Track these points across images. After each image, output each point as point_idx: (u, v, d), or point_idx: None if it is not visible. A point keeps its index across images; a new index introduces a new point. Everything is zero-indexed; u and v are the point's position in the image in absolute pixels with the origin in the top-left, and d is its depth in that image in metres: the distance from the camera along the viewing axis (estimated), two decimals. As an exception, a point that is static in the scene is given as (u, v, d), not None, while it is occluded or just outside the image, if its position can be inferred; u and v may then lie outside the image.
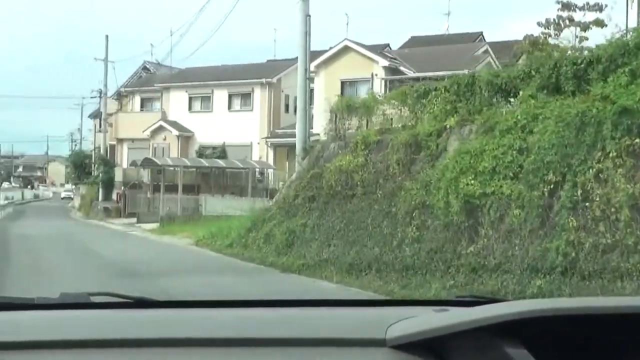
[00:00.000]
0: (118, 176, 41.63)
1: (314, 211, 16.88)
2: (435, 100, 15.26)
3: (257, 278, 14.78)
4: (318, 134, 36.14)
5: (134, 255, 19.53)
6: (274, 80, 39.49)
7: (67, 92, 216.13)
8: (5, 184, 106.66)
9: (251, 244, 18.62)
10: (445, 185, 12.11)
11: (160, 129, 41.28)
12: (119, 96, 47.70)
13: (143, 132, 41.29)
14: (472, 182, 11.58)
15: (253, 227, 19.39)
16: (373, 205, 14.67)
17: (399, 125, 16.46)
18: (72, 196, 70.09)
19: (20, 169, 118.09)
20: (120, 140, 44.39)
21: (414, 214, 13.17)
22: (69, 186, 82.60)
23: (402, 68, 36.10)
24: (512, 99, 13.68)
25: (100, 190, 42.90)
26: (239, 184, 37.55)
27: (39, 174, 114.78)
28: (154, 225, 31.01)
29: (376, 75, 35.59)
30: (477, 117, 13.23)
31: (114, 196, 42.09)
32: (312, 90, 39.21)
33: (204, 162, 35.49)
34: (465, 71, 19.21)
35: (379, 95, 20.20)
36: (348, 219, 15.34)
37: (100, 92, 68.71)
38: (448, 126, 13.94)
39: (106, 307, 2.01)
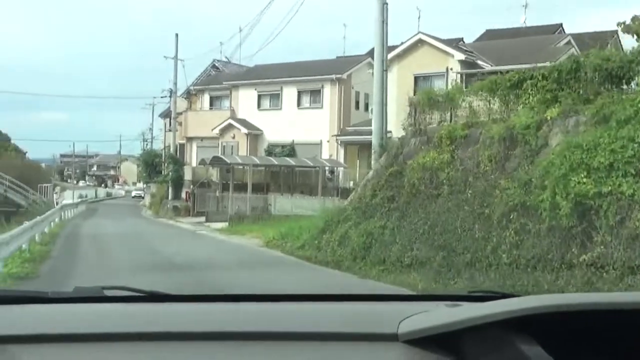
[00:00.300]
0: (187, 175, 41.23)
1: (393, 212, 15.51)
2: (531, 90, 13.66)
3: (333, 285, 13.52)
4: (390, 132, 34.79)
5: (202, 256, 18.61)
6: (344, 76, 38.25)
7: (140, 92, 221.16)
8: (81, 183, 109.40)
9: (324, 247, 17.39)
10: (552, 184, 10.54)
11: (229, 127, 40.62)
12: (189, 95, 47.42)
13: (212, 130, 40.73)
14: (585, 180, 9.99)
15: (326, 228, 18.16)
16: (462, 206, 13.19)
17: (488, 119, 14.90)
18: (142, 195, 71.00)
19: (95, 168, 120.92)
20: (190, 139, 44.01)
21: (511, 216, 11.64)
22: (139, 185, 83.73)
23: (478, 62, 34.21)
24: (624, 86, 11.97)
25: (170, 188, 42.59)
26: (308, 183, 36.50)
27: (112, 172, 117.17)
28: (223, 225, 30.25)
29: (451, 69, 33.86)
30: (585, 106, 11.58)
31: (183, 195, 41.74)
32: (383, 87, 38.03)
33: (274, 161, 34.55)
34: (547, 63, 17.44)
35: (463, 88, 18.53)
36: (433, 220, 13.90)
37: (170, 92, 69.54)
38: (549, 118, 12.33)
39: (120, 301, 2.00)
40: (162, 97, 70.66)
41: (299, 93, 39.50)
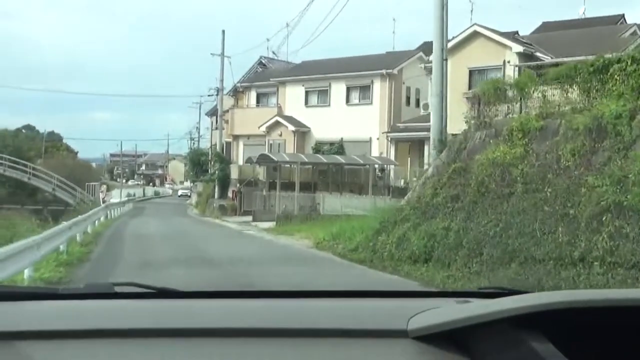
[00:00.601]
0: (234, 173, 40.25)
1: (458, 212, 13.99)
2: (618, 76, 11.98)
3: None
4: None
5: (249, 258, 17.37)
6: (395, 71, 36.70)
7: (188, 91, 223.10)
8: (130, 182, 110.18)
9: (380, 249, 15.96)
10: (656, 180, 8.92)
11: (276, 124, 39.48)
12: (235, 92, 46.45)
13: (259, 128, 39.67)
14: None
15: (382, 229, 16.72)
16: (541, 206, 11.60)
17: (566, 109, 13.25)
18: (188, 194, 70.67)
19: (143, 167, 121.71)
20: (236, 137, 43.04)
21: (604, 218, 10.03)
22: (187, 184, 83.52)
23: (538, 54, 32.25)
24: None
25: (216, 187, 41.69)
26: (357, 182, 35.09)
27: (160, 172, 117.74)
28: (270, 224, 29.08)
29: (508, 62, 32.00)
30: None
31: (230, 194, 40.79)
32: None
33: (322, 158, 33.20)
34: (612, 55, 15.63)
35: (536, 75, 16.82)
36: (505, 222, 12.35)
37: (217, 90, 68.99)
38: (645, 105, 10.66)
39: (130, 297, 1.98)
40: (209, 95, 70.75)
41: (348, 89, 38.11)
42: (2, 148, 67.89)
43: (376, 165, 33.96)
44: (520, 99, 14.87)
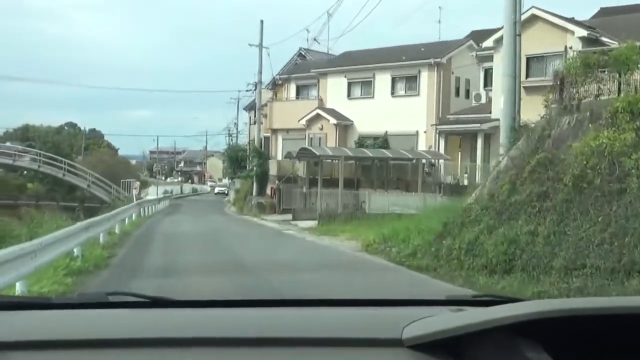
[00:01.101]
0: (272, 169, 37.98)
1: (547, 213, 11.34)
2: None
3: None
4: (497, 119, 30.26)
5: (291, 263, 14.97)
6: (444, 60, 33.93)
7: (227, 87, 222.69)
8: (169, 179, 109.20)
9: (446, 255, 13.38)
10: None
11: (317, 117, 37.03)
12: (274, 86, 44.15)
13: (298, 121, 37.28)
14: None
15: (446, 231, 14.13)
16: (669, 207, 8.89)
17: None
18: (225, 191, 68.88)
19: (182, 164, 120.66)
20: (275, 131, 40.73)
21: None
22: (225, 181, 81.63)
23: (603, 38, 29.14)
24: None
25: (254, 184, 39.44)
26: (404, 178, 32.45)
27: (198, 168, 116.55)
28: (311, 224, 26.67)
29: (570, 48, 28.93)
30: None
31: (268, 191, 38.55)
32: (488, 71, 33.40)
33: (368, 152, 30.60)
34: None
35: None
36: (617, 226, 9.68)
37: (255, 85, 66.97)
38: None
39: (123, 307, 1.95)
40: (247, 90, 68.77)
41: (393, 80, 35.46)
42: (41, 144, 67.20)
43: (427, 160, 31.25)
44: (620, 75, 12.11)
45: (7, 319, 1.72)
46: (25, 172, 55.17)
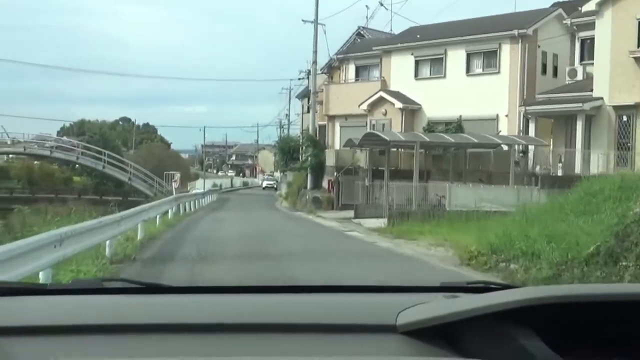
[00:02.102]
0: (329, 160, 33.10)
1: None
2: None
3: None
4: (601, 98, 24.65)
5: (366, 279, 10.03)
6: (529, 31, 28.40)
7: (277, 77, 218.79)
8: (220, 172, 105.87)
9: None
10: None
11: (380, 101, 31.94)
12: (329, 69, 39.15)
13: (359, 106, 32.27)
14: None
15: (617, 241, 8.95)
16: None
17: None
18: (274, 185, 64.55)
19: (233, 158, 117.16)
20: (332, 118, 35.77)
21: None
22: (277, 174, 77.16)
23: None
24: None
25: (309, 176, 34.58)
26: (484, 169, 27.13)
27: (249, 162, 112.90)
28: (379, 223, 21.71)
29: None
30: None
31: (324, 184, 33.71)
32: (586, 41, 27.75)
33: (448, 138, 25.24)
34: None
35: None
36: None
37: (308, 73, 62.29)
38: None
39: (117, 293, 1.92)
40: (299, 78, 64.18)
41: (469, 56, 30.11)
42: (88, 138, 64.24)
43: (519, 146, 25.81)
44: None
45: (2, 304, 1.68)
46: (73, 165, 51.94)
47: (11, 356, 1.41)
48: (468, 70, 30.12)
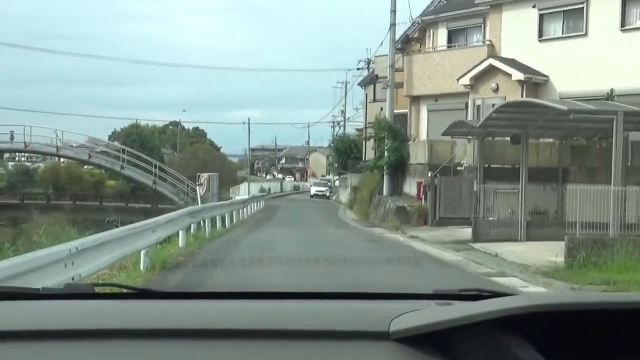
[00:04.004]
0: (414, 155, 23.29)
1: None
2: None
3: None
4: None
5: None
6: None
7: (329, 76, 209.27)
8: (267, 176, 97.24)
9: None
10: None
11: (489, 72, 21.93)
12: (405, 43, 29.06)
13: (457, 80, 22.37)
14: None
15: None
16: None
17: None
18: (326, 193, 51.20)
19: (283, 161, 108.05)
20: (415, 100, 25.84)
21: None
22: (330, 177, 67.08)
23: None
24: None
25: (385, 178, 24.74)
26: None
27: (299, 165, 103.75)
28: (532, 252, 12.02)
29: None
30: None
31: (406, 187, 23.92)
32: None
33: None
34: None
35: None
36: None
37: (368, 63, 52.67)
38: None
39: (110, 298, 1.92)
40: (358, 68, 54.50)
41: (625, 2, 19.85)
42: (123, 138, 56.46)
43: None
44: None
45: None
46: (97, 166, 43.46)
47: None
48: (624, 23, 19.90)
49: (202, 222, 15.26)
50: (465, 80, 22.25)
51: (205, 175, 19.65)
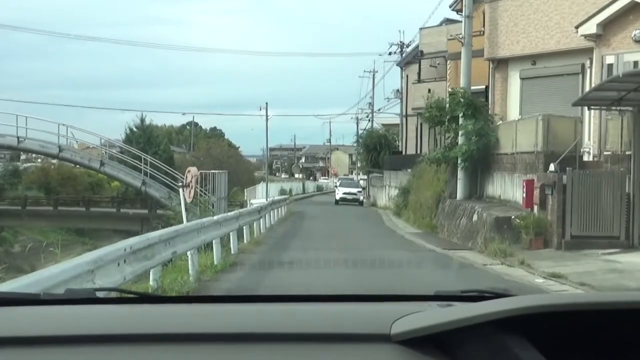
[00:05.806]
0: (512, 141, 15.37)
1: None
2: None
3: None
4: None
5: None
6: None
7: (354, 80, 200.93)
8: (284, 175, 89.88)
9: None
10: None
11: (630, 13, 14.01)
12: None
13: (576, 29, 14.52)
14: None
15: None
16: None
17: None
18: (359, 197, 37.33)
19: (303, 160, 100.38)
20: (502, 65, 17.83)
21: None
22: (354, 176, 59.10)
23: None
24: None
25: (461, 175, 16.82)
26: None
27: (320, 164, 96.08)
28: None
29: None
30: None
31: (491, 188, 16.11)
32: None
33: None
34: None
35: None
36: None
37: (401, 45, 44.87)
38: None
39: (111, 303, 1.84)
40: (389, 53, 46.61)
41: None
42: (129, 135, 49.40)
43: None
44: None
45: None
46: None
47: None
48: None
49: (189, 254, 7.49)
50: (590, 27, 14.34)
51: (193, 170, 11.99)
